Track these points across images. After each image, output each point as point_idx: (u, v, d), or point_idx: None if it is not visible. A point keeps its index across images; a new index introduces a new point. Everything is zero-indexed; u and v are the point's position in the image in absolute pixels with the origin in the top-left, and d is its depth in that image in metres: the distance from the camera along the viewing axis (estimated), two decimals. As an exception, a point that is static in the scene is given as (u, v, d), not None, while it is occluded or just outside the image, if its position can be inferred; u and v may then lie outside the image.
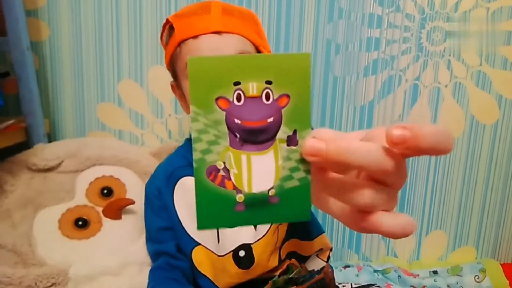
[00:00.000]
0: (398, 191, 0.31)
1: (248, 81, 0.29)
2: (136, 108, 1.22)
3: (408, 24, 1.16)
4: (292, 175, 0.30)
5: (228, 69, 0.29)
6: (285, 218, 0.32)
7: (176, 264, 0.84)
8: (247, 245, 0.82)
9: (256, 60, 0.29)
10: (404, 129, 0.26)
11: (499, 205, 1.27)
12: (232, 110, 0.29)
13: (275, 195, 0.31)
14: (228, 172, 0.30)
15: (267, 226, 0.82)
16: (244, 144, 0.30)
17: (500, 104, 1.21)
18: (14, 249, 0.87)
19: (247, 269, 0.81)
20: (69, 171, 1.01)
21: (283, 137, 0.30)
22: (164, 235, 0.87)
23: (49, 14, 1.17)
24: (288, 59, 0.29)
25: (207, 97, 0.29)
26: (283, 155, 0.30)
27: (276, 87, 0.29)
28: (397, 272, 1.17)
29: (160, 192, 0.88)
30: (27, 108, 1.08)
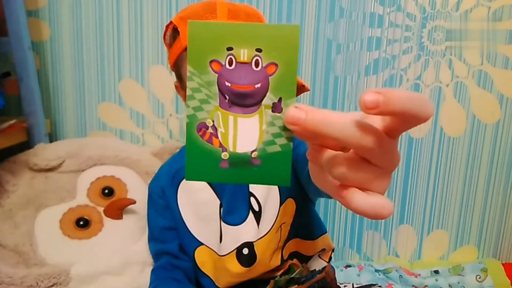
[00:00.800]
0: (387, 172, 0.30)
1: (240, 47, 0.31)
2: (137, 108, 1.22)
3: (409, 24, 1.16)
4: (274, 141, 0.32)
5: (223, 35, 0.31)
6: (265, 180, 0.33)
7: (178, 264, 0.84)
8: (249, 243, 0.82)
9: (249, 28, 0.31)
10: (377, 94, 0.26)
11: (501, 205, 1.27)
12: (224, 73, 0.31)
13: (257, 157, 0.33)
14: (216, 130, 0.32)
15: (270, 225, 0.82)
16: (232, 106, 0.32)
17: (501, 103, 1.21)
18: (16, 249, 0.87)
19: (249, 267, 0.81)
20: (70, 171, 1.01)
21: (269, 103, 0.32)
22: (167, 235, 0.87)
23: (50, 14, 1.17)
24: (278, 29, 0.31)
25: (203, 59, 0.31)
26: (267, 121, 0.32)
27: (265, 55, 0.31)
28: (398, 271, 1.17)
29: (163, 192, 0.88)
30: (28, 108, 1.08)
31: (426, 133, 1.23)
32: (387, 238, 1.29)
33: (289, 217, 0.84)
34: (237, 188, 0.84)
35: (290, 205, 0.84)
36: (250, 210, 0.83)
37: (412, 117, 0.27)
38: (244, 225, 0.82)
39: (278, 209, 0.83)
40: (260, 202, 0.83)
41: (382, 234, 1.28)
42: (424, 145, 1.23)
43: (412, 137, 1.23)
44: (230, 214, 0.83)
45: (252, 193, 0.84)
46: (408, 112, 0.27)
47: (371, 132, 0.28)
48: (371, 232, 1.28)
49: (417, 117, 0.28)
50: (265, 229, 0.82)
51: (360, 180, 0.30)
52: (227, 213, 0.83)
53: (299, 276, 0.83)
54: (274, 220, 0.82)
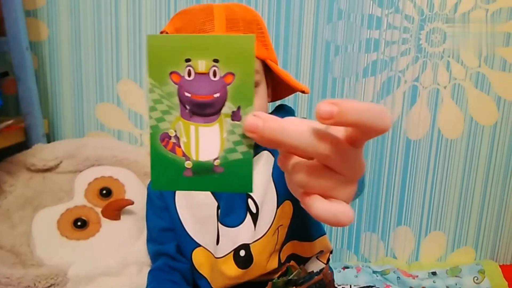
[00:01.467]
0: (350, 180, 0.31)
1: (198, 58, 0.32)
2: (135, 108, 1.22)
3: (407, 25, 1.17)
4: (235, 148, 0.33)
5: (181, 47, 0.32)
6: (228, 187, 0.34)
7: (176, 266, 0.84)
8: (246, 245, 0.81)
9: (206, 40, 0.32)
10: (332, 104, 0.27)
11: (498, 206, 1.28)
12: (183, 84, 0.32)
13: (220, 165, 0.33)
14: (179, 140, 0.33)
15: (267, 227, 0.82)
16: (193, 116, 0.33)
17: (498, 105, 1.21)
18: (13, 250, 0.87)
19: (246, 269, 0.81)
20: (68, 172, 1.01)
21: (228, 112, 0.33)
22: (164, 236, 0.87)
23: (48, 14, 1.16)
24: (234, 40, 0.32)
25: (162, 71, 0.32)
26: (227, 129, 0.33)
27: (222, 65, 0.32)
28: (396, 273, 1.17)
29: (161, 192, 0.88)
30: (26, 108, 1.08)
31: (423, 135, 1.23)
32: (385, 239, 1.29)
33: (287, 219, 0.84)
34: None
35: (287, 207, 0.84)
36: (248, 211, 0.83)
37: (368, 129, 0.28)
38: (241, 227, 0.82)
39: (275, 211, 0.82)
40: (258, 203, 0.83)
41: (380, 236, 1.28)
42: (421, 147, 1.24)
43: (410, 139, 1.23)
44: (228, 216, 0.83)
45: (249, 195, 0.83)
46: (364, 123, 0.27)
47: (328, 140, 0.29)
48: (368, 234, 1.28)
49: (373, 129, 0.28)
50: (261, 231, 0.82)
51: (322, 187, 0.30)
52: (224, 214, 0.83)
53: (297, 278, 0.82)
54: (271, 222, 0.82)
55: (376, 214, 1.27)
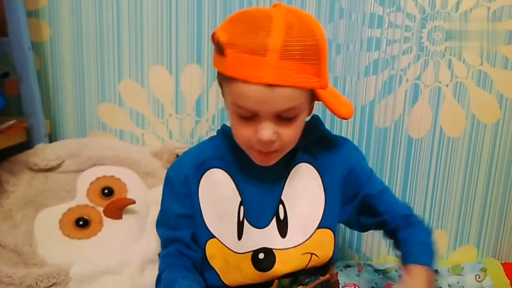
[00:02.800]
0: None
1: None
2: (137, 108, 1.22)
3: (409, 24, 1.16)
4: None
5: None
6: None
7: (188, 253, 0.83)
8: (268, 250, 0.81)
9: None
10: None
11: (500, 204, 1.27)
12: None
13: None
14: None
15: (300, 240, 0.82)
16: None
17: (500, 103, 1.21)
18: (15, 249, 0.87)
19: (264, 272, 0.80)
20: (70, 171, 1.02)
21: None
22: (181, 222, 0.85)
23: (50, 14, 1.17)
24: None
25: None
26: None
27: None
28: (398, 271, 1.17)
29: (187, 179, 0.86)
30: (28, 108, 1.08)
31: (425, 133, 1.23)
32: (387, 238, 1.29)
33: (324, 256, 0.84)
34: (267, 191, 0.83)
35: (328, 237, 0.84)
36: (275, 216, 0.83)
37: None
38: (266, 230, 0.82)
39: (315, 230, 0.83)
40: (287, 211, 0.83)
41: (381, 234, 1.28)
42: (423, 145, 1.23)
43: (411, 137, 1.23)
44: (254, 215, 0.83)
45: (282, 200, 0.83)
46: None
47: None
48: (370, 232, 1.28)
49: None
50: (294, 241, 0.82)
51: None
52: (251, 213, 0.83)
53: (303, 277, 0.83)
54: (306, 237, 0.82)
55: (378, 213, 1.27)
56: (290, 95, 0.68)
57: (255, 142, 0.73)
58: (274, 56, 0.65)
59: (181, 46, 1.18)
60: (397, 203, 0.92)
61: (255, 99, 0.68)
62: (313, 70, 0.70)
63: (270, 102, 0.68)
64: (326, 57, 0.73)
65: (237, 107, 0.72)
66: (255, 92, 0.67)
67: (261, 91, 0.67)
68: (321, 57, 0.71)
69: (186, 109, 1.21)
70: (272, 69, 0.66)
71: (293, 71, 0.67)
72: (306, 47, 0.68)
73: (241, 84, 0.68)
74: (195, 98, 1.21)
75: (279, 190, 0.84)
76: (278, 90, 0.67)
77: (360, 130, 1.22)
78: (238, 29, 0.69)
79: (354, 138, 1.22)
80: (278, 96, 0.68)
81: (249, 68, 0.67)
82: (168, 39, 1.17)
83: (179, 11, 1.16)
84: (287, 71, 0.66)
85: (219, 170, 0.85)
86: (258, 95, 0.67)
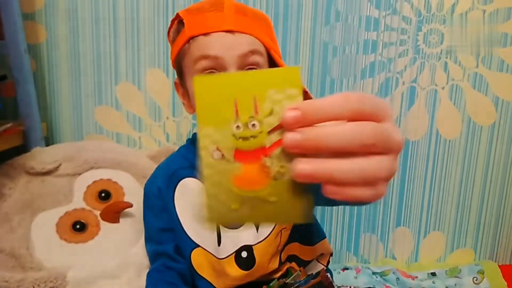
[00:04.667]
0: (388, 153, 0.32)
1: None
2: (133, 111, 1.22)
3: (405, 27, 1.17)
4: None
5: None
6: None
7: (173, 266, 0.84)
8: (248, 246, 0.81)
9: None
10: (294, 110, 0.29)
11: (497, 207, 1.28)
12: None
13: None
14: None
15: (270, 228, 0.82)
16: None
17: (496, 106, 1.22)
18: (12, 253, 0.87)
19: (248, 271, 0.81)
20: (67, 175, 1.01)
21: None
22: (163, 236, 0.86)
23: (46, 17, 1.16)
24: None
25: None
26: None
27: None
28: (395, 274, 1.17)
29: (160, 192, 0.87)
30: (25, 111, 1.08)
31: (422, 135, 1.23)
32: (384, 240, 1.29)
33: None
34: None
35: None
36: None
37: (347, 117, 0.30)
38: (243, 229, 0.82)
39: None
40: None
41: (379, 237, 1.28)
42: (420, 148, 1.24)
43: (408, 140, 1.23)
44: None
45: None
46: (337, 116, 0.29)
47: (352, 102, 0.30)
48: (368, 235, 1.28)
49: (357, 115, 0.30)
50: (265, 233, 0.82)
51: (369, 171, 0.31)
52: None
53: (293, 282, 0.82)
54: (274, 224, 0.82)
55: (375, 215, 1.27)
56: (249, 40, 0.75)
57: None
58: (230, 10, 0.75)
59: (178, 49, 1.18)
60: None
61: (218, 44, 0.74)
62: (266, 32, 0.79)
63: (232, 46, 0.74)
64: (274, 31, 0.84)
65: (201, 59, 0.75)
66: (218, 39, 0.74)
67: (223, 37, 0.74)
68: (271, 27, 0.82)
69: (183, 112, 1.21)
70: (231, 19, 0.75)
71: (249, 23, 0.76)
72: (256, 13, 0.79)
73: (203, 38, 0.75)
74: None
75: None
76: (238, 36, 0.74)
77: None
78: (194, 5, 0.80)
79: (351, 141, 1.22)
80: (240, 40, 0.74)
81: (209, 22, 0.75)
82: (164, 42, 1.17)
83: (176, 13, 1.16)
84: (243, 22, 0.76)
85: (191, 179, 0.86)
86: (220, 40, 0.74)
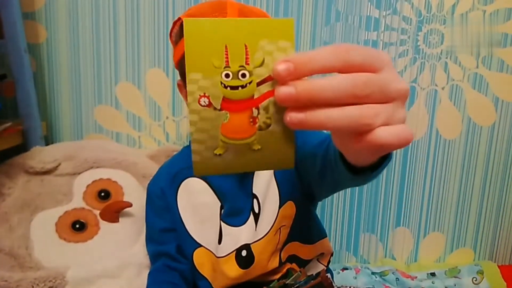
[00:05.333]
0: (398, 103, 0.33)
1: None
2: (133, 111, 1.22)
3: (405, 27, 1.17)
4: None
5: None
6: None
7: (175, 266, 0.84)
8: (247, 245, 0.81)
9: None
10: (286, 62, 0.29)
11: (496, 207, 1.28)
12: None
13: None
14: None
15: (268, 227, 0.82)
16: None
17: (496, 106, 1.22)
18: (11, 252, 0.87)
19: (247, 269, 0.81)
20: (67, 174, 1.01)
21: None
22: (165, 236, 0.87)
23: (46, 16, 1.16)
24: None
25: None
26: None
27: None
28: (395, 274, 1.17)
29: (163, 192, 0.87)
30: (24, 110, 1.08)
31: (422, 135, 1.23)
32: (384, 240, 1.29)
33: (289, 220, 0.84)
34: (240, 190, 0.83)
35: (289, 207, 0.84)
36: (251, 211, 0.83)
37: (342, 69, 0.31)
38: (244, 227, 0.82)
39: (277, 211, 0.82)
40: (261, 203, 0.83)
41: (378, 237, 1.28)
42: (420, 148, 1.24)
43: (408, 140, 1.23)
44: (232, 215, 0.83)
45: (255, 195, 0.83)
46: (330, 68, 0.30)
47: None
48: (367, 235, 1.28)
49: (352, 67, 0.31)
50: (263, 231, 0.82)
51: (373, 114, 0.32)
52: (229, 214, 0.83)
53: (294, 282, 0.82)
54: (273, 222, 0.82)
55: (374, 215, 1.27)
56: None
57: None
58: (233, 15, 0.73)
59: (178, 48, 1.17)
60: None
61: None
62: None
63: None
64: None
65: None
66: None
67: None
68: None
69: (183, 111, 1.21)
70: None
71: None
72: (260, 14, 0.79)
73: None
74: (192, 101, 1.20)
75: (250, 185, 0.84)
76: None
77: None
78: (196, 9, 0.78)
79: (351, 141, 1.22)
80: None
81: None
82: (164, 41, 1.17)
83: (176, 13, 1.16)
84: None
85: (194, 178, 0.86)
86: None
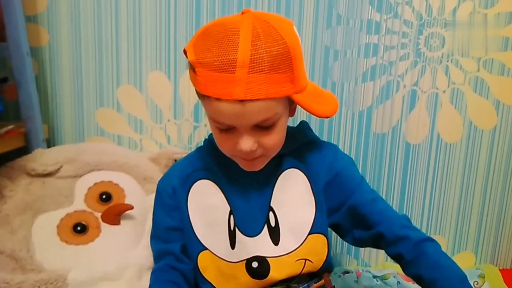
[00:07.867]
0: None
1: None
2: (135, 114, 1.22)
3: (406, 30, 1.17)
4: None
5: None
6: None
7: (178, 266, 0.84)
8: (262, 258, 0.81)
9: None
10: None
11: (498, 210, 1.28)
12: None
13: None
14: None
15: (293, 247, 0.82)
16: None
17: (497, 109, 1.22)
18: (13, 255, 0.87)
19: (260, 280, 0.81)
20: (68, 176, 1.01)
21: None
22: (172, 235, 0.86)
23: (48, 19, 1.17)
24: None
25: None
26: None
27: None
28: (396, 277, 1.17)
29: (175, 191, 0.87)
30: (26, 113, 1.08)
31: (423, 139, 1.23)
32: (385, 244, 1.29)
33: (318, 261, 0.84)
34: (256, 199, 0.83)
35: (321, 242, 0.84)
36: (266, 224, 0.83)
37: None
38: (258, 238, 0.82)
39: (306, 236, 0.83)
40: (278, 218, 0.83)
41: (380, 241, 1.28)
42: (421, 151, 1.24)
43: (409, 143, 1.23)
44: (245, 224, 0.82)
45: (272, 208, 0.83)
46: None
47: None
48: (368, 238, 1.28)
49: None
50: (286, 248, 0.82)
51: None
52: (242, 221, 0.82)
53: (297, 285, 0.82)
54: (299, 243, 0.82)
55: (376, 219, 1.27)
56: (263, 107, 0.68)
57: (238, 152, 0.74)
58: (243, 71, 0.65)
59: (180, 51, 1.18)
60: (392, 213, 0.85)
61: (229, 115, 0.69)
62: (285, 78, 0.69)
63: (244, 117, 0.69)
64: (299, 61, 0.72)
65: (215, 121, 0.73)
66: (228, 108, 0.68)
67: (234, 107, 0.67)
68: (294, 62, 0.69)
69: (184, 114, 1.21)
70: (242, 85, 0.66)
71: (263, 84, 0.66)
72: (275, 57, 0.67)
73: (214, 101, 0.69)
74: (193, 104, 1.21)
75: (268, 197, 0.84)
76: (250, 104, 0.67)
77: (358, 135, 1.23)
78: (205, 46, 0.68)
79: (351, 144, 1.23)
80: (251, 110, 0.68)
81: (219, 86, 0.67)
82: (166, 44, 1.18)
83: (178, 16, 1.16)
84: (258, 85, 0.66)
85: (206, 181, 0.86)
86: (231, 111, 0.68)
